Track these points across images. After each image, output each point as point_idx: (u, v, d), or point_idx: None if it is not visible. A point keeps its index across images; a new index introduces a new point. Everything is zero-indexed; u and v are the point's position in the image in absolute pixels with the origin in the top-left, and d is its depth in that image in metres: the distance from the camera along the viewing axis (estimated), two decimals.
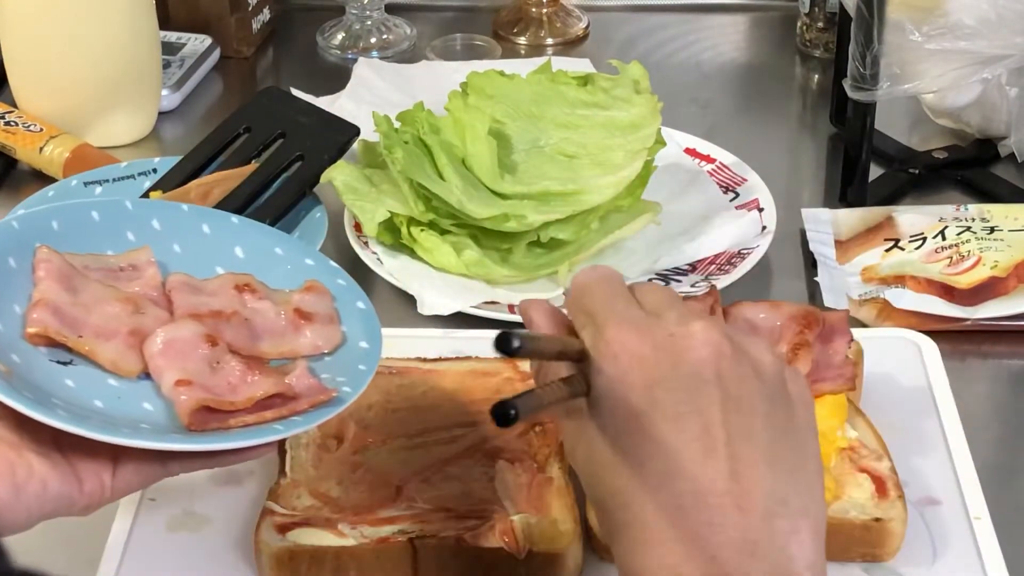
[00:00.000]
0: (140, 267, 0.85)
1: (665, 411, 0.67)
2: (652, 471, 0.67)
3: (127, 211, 0.87)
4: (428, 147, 1.12)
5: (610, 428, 0.69)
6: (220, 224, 0.89)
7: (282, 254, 0.88)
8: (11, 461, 0.71)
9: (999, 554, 0.87)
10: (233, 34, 1.46)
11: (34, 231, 0.83)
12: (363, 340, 0.84)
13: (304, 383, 0.79)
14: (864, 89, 1.17)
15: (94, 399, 0.76)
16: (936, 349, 1.02)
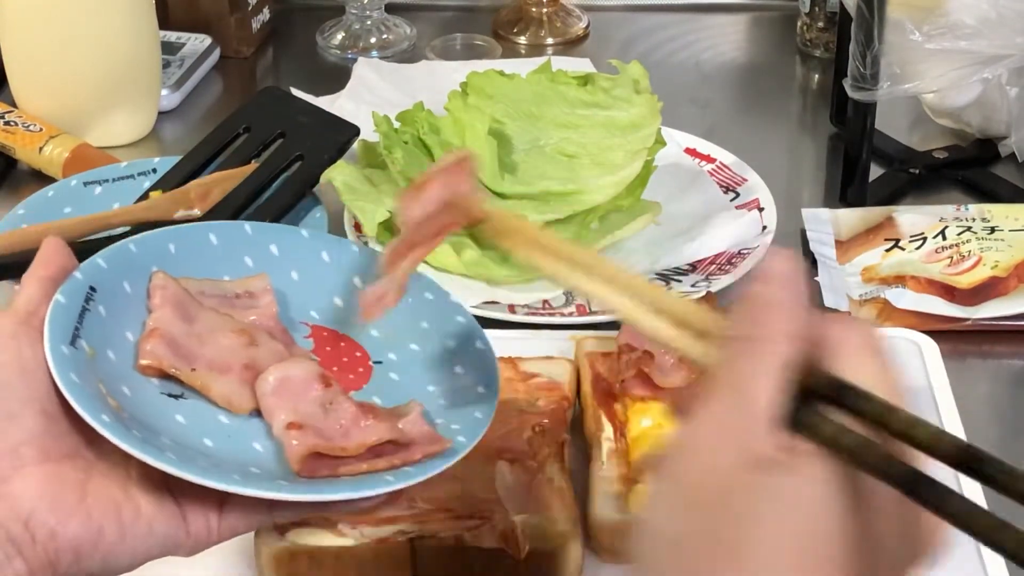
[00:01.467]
0: (257, 295, 0.81)
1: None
2: None
3: (246, 235, 0.84)
4: (428, 147, 1.12)
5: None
6: (339, 251, 0.85)
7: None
8: (117, 501, 0.68)
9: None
10: (233, 34, 1.46)
11: (151, 254, 0.79)
12: (480, 384, 0.79)
13: (418, 430, 0.75)
14: (864, 89, 1.17)
15: (204, 437, 0.73)
16: (936, 349, 1.02)
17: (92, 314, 0.74)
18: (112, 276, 0.77)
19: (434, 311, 0.83)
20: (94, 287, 0.75)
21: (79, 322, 0.73)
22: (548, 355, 0.99)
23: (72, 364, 0.70)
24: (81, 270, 0.75)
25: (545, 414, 0.93)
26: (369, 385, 0.80)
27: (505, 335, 1.05)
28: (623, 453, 0.90)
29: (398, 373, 0.81)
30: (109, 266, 0.77)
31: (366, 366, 0.81)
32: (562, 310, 1.09)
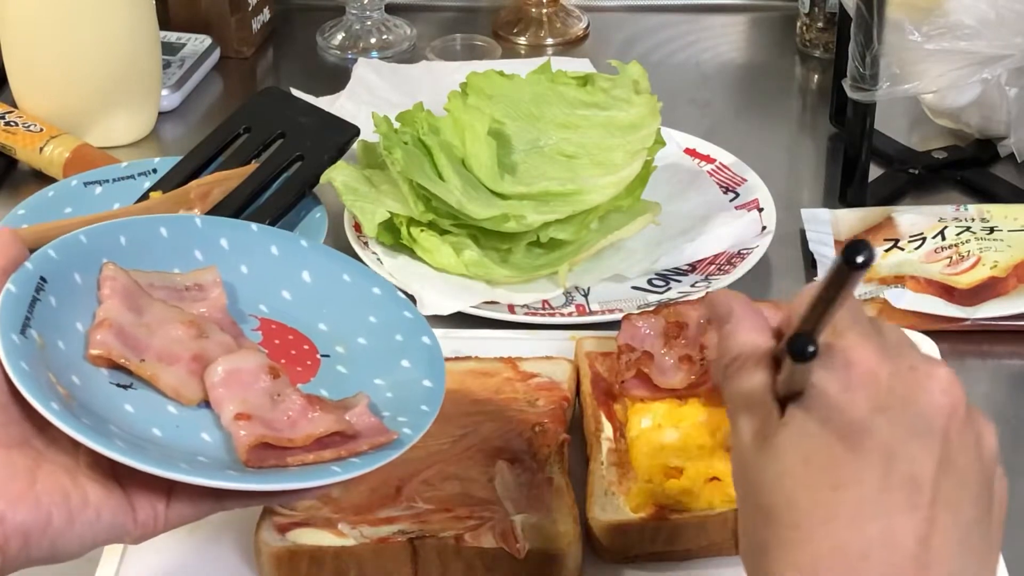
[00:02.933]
0: (206, 287, 0.82)
1: (881, 442, 0.62)
2: (844, 499, 0.62)
3: (196, 228, 0.85)
4: (428, 147, 1.12)
5: (813, 436, 0.64)
6: (289, 246, 0.86)
7: (349, 281, 0.86)
8: (66, 488, 0.69)
9: (999, 554, 0.87)
10: (233, 34, 1.46)
11: (101, 246, 0.80)
12: (426, 378, 0.80)
13: (365, 422, 0.76)
14: (864, 89, 1.17)
15: (152, 427, 0.74)
16: (936, 349, 1.02)
17: (42, 304, 0.75)
18: (63, 267, 0.77)
19: (381, 306, 0.84)
20: (44, 277, 0.76)
21: (29, 312, 0.74)
22: (548, 355, 1.00)
23: (22, 353, 0.71)
24: (32, 260, 0.76)
25: (545, 414, 0.93)
26: (317, 378, 0.81)
27: (505, 335, 1.05)
28: (623, 453, 0.90)
29: (345, 366, 0.82)
30: (60, 257, 0.78)
31: (314, 359, 0.82)
32: (562, 310, 1.09)
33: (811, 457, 0.63)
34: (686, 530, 0.86)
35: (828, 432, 0.63)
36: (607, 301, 1.10)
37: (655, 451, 0.88)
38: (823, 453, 0.63)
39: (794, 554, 0.62)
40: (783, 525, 0.63)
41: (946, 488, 0.62)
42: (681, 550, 0.87)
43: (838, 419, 0.63)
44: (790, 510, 0.63)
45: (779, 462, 0.64)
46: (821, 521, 0.62)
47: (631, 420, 0.91)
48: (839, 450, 0.63)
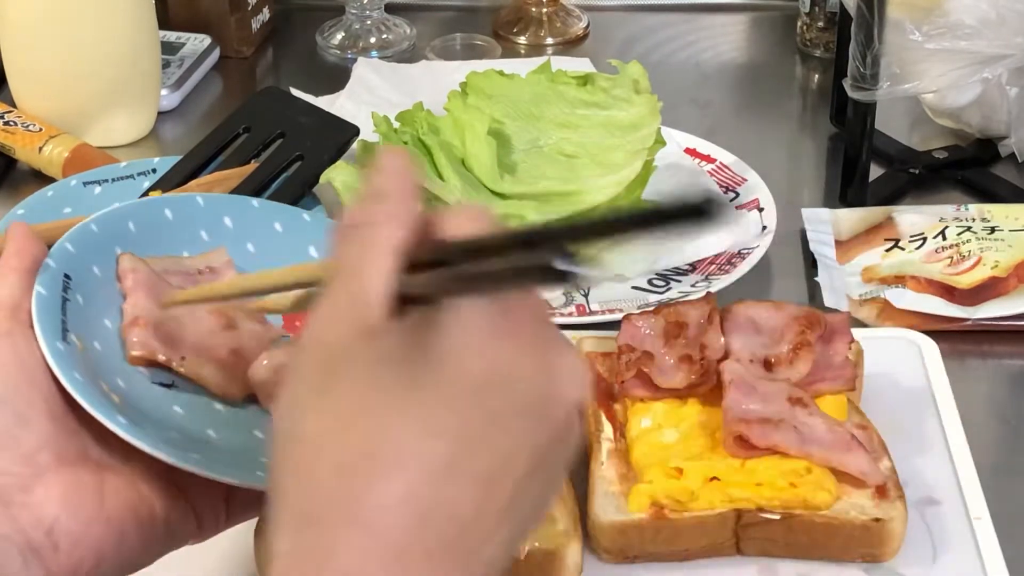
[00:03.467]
0: (218, 270, 0.81)
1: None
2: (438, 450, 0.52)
3: (199, 207, 0.83)
4: (427, 147, 1.12)
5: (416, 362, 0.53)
6: (292, 222, 0.85)
7: None
8: (133, 503, 0.66)
9: (999, 554, 0.87)
10: (233, 34, 1.45)
11: (112, 234, 0.78)
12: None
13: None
14: (864, 89, 1.16)
15: (207, 428, 0.72)
16: (936, 349, 1.02)
17: (72, 304, 0.72)
18: (81, 261, 0.75)
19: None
20: (68, 275, 0.73)
21: (63, 314, 0.71)
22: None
23: (71, 361, 0.68)
24: (53, 257, 0.73)
25: None
26: None
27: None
28: (623, 453, 0.90)
29: None
30: (77, 250, 0.75)
31: None
32: (562, 310, 1.09)
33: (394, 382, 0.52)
34: (686, 530, 0.86)
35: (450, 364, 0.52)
36: (607, 301, 1.10)
37: (655, 451, 0.88)
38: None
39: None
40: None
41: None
42: (681, 550, 0.87)
43: (472, 359, 0.52)
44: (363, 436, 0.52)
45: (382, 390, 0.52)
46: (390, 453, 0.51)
47: (631, 420, 0.91)
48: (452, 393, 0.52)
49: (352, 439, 0.51)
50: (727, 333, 0.94)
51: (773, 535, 0.86)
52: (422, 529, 0.50)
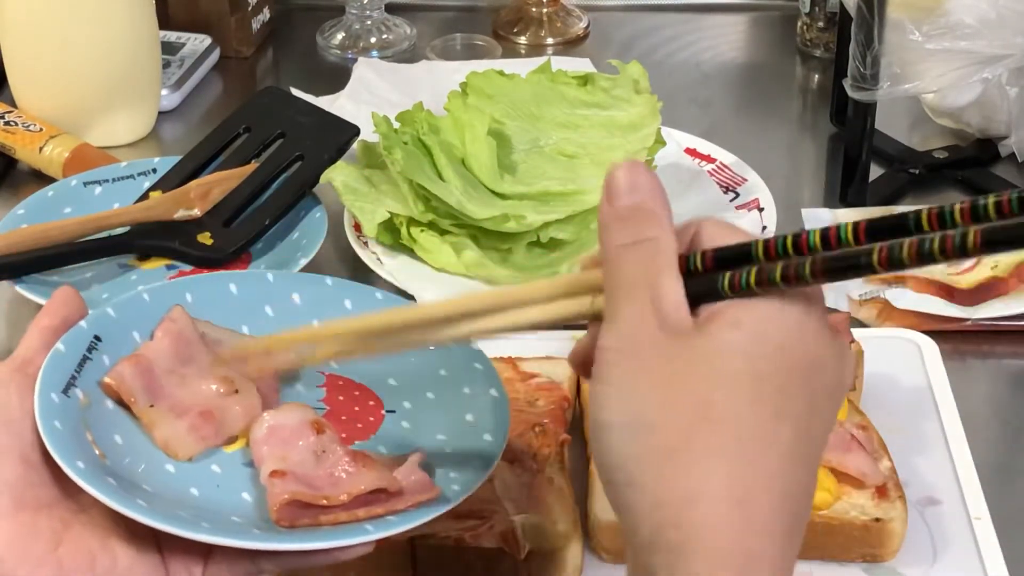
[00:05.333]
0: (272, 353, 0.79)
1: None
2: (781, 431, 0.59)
3: (267, 283, 0.83)
4: (427, 147, 1.12)
5: (750, 356, 0.60)
6: (363, 299, 0.84)
7: None
8: (92, 551, 0.68)
9: (999, 554, 0.87)
10: (233, 34, 1.46)
11: (166, 305, 0.79)
12: (488, 432, 0.78)
13: (412, 479, 0.74)
14: (864, 89, 1.16)
15: (191, 487, 0.73)
16: (936, 349, 1.02)
17: (94, 363, 0.74)
18: (121, 326, 0.76)
19: (453, 358, 0.82)
20: (99, 336, 0.75)
21: (77, 371, 0.73)
22: (548, 355, 0.99)
23: (58, 412, 0.70)
24: (88, 320, 0.75)
25: (545, 414, 0.93)
26: (378, 434, 0.79)
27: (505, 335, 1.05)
28: None
29: (410, 421, 0.80)
30: (119, 315, 0.77)
31: (378, 415, 0.81)
32: None
33: (745, 375, 0.59)
34: None
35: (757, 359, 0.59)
36: None
37: None
38: (762, 376, 0.59)
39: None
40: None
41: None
42: None
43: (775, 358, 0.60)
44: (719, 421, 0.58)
45: (708, 364, 0.59)
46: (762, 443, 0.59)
47: None
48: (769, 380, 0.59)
49: (716, 428, 0.58)
50: None
51: None
52: (783, 509, 0.58)
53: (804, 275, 0.59)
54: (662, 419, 0.58)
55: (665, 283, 0.61)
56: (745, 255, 0.62)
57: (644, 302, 0.60)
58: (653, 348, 0.60)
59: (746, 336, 0.59)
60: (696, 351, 0.59)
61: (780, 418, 0.58)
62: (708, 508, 0.57)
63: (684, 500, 0.57)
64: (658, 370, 0.59)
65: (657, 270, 0.61)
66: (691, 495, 0.57)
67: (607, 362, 0.60)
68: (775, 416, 0.58)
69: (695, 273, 0.62)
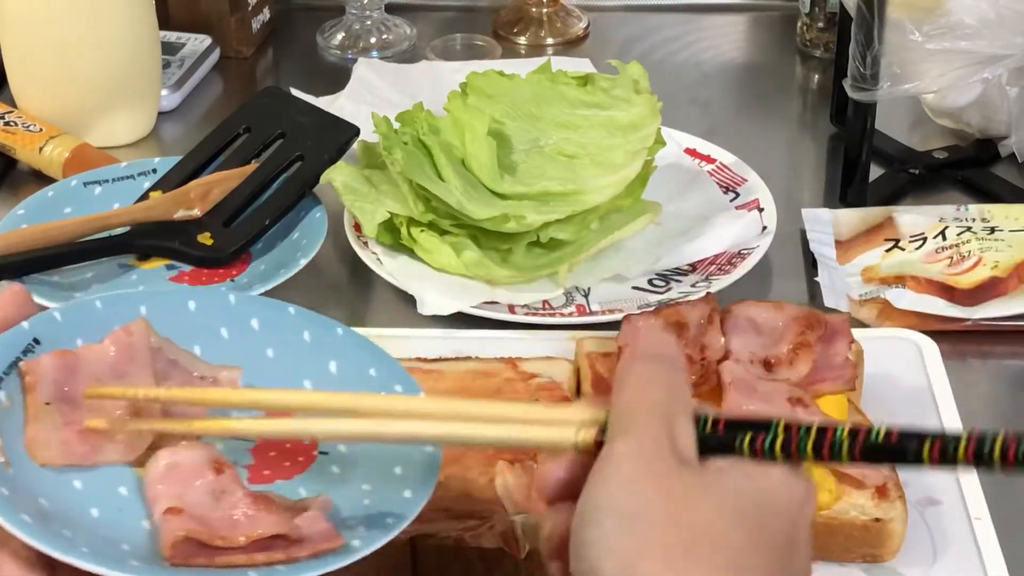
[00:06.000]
0: (219, 383, 0.78)
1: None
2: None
3: (228, 305, 0.81)
4: (427, 148, 1.12)
5: (747, 495, 0.65)
6: (322, 333, 0.82)
7: (374, 376, 0.81)
8: None
9: (999, 554, 0.87)
10: (233, 34, 1.46)
11: (118, 313, 0.77)
12: (411, 488, 0.75)
13: (314, 527, 0.72)
14: (864, 89, 1.16)
15: (92, 507, 0.71)
16: (936, 349, 1.02)
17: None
18: (66, 331, 0.74)
19: None
20: (39, 339, 0.73)
21: (6, 372, 0.72)
22: (548, 355, 0.99)
23: None
24: (31, 321, 0.73)
25: None
26: (304, 475, 0.77)
27: (505, 335, 1.05)
28: None
29: (340, 466, 0.78)
30: (64, 320, 0.75)
31: (309, 455, 0.78)
32: (562, 310, 1.09)
33: (749, 517, 0.63)
34: None
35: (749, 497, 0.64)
36: (607, 301, 1.10)
37: None
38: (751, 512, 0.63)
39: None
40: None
41: None
42: None
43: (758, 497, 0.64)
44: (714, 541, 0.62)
45: (714, 495, 0.63)
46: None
47: None
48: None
49: (717, 548, 0.61)
50: (727, 333, 0.94)
51: None
52: None
53: (840, 454, 0.63)
54: (667, 523, 0.60)
55: (681, 421, 0.64)
56: (761, 427, 0.64)
57: (660, 428, 0.63)
58: (663, 464, 0.62)
59: (754, 488, 0.63)
60: (704, 483, 0.62)
61: (770, 571, 0.62)
62: None
63: None
64: (667, 482, 0.61)
65: (675, 408, 0.64)
66: None
67: (615, 464, 0.62)
68: (766, 567, 0.62)
69: (703, 434, 0.65)
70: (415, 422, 0.71)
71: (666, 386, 0.65)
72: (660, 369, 0.66)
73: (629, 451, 0.63)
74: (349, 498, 0.75)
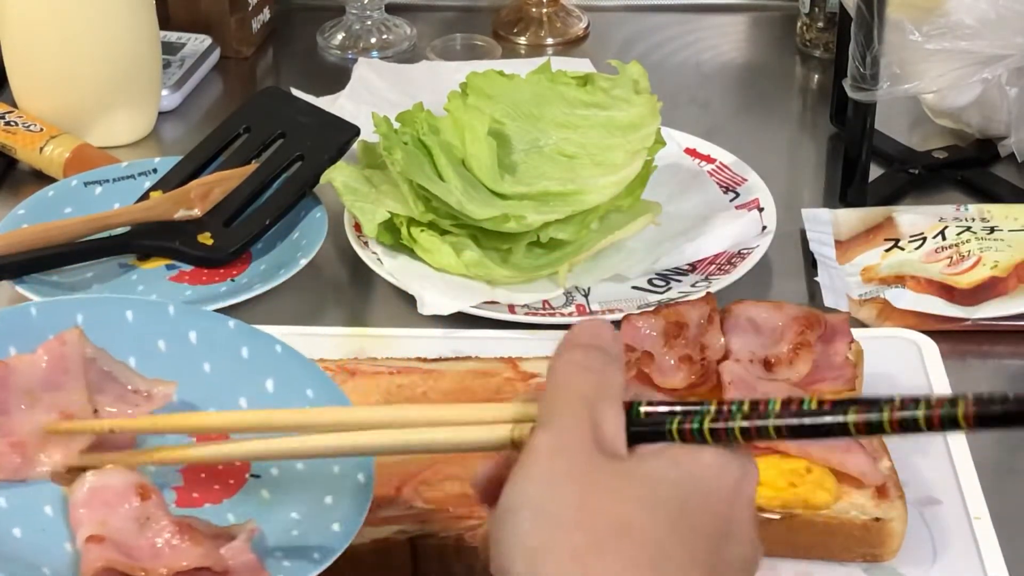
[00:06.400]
0: (152, 398, 0.76)
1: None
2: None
3: (167, 317, 0.79)
4: (428, 148, 1.12)
5: (672, 483, 0.63)
6: (261, 349, 0.80)
7: (312, 397, 0.80)
8: None
9: (999, 554, 0.87)
10: (233, 34, 1.46)
11: (53, 322, 0.75)
12: (339, 521, 0.73)
13: (240, 558, 0.70)
14: (864, 89, 1.17)
15: (15, 526, 0.69)
16: (936, 349, 1.02)
17: None
18: None
19: None
20: None
21: None
22: (548, 355, 0.99)
23: None
24: None
25: None
26: (233, 499, 0.76)
27: (505, 335, 1.05)
28: None
29: (271, 491, 0.76)
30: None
31: (240, 478, 0.77)
32: (562, 310, 1.09)
33: (672, 504, 0.61)
34: None
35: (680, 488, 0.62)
36: (607, 301, 1.10)
37: None
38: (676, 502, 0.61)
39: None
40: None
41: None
42: None
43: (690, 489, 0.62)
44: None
45: (636, 485, 0.60)
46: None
47: None
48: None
49: (634, 545, 0.58)
50: (727, 333, 0.94)
51: (773, 535, 0.86)
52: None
53: (768, 434, 0.62)
54: (578, 520, 0.58)
55: (608, 411, 0.62)
56: (692, 414, 0.63)
57: (583, 419, 0.61)
58: (584, 457, 0.60)
59: (681, 474, 0.61)
60: (626, 473, 0.60)
61: (694, 560, 0.59)
62: None
63: None
64: (586, 476, 0.59)
65: (603, 397, 0.62)
66: None
67: (534, 459, 0.60)
68: (690, 556, 0.59)
69: (636, 420, 0.63)
70: (346, 435, 0.69)
71: (595, 375, 0.63)
72: (589, 358, 0.64)
73: (549, 444, 0.61)
74: (277, 526, 0.74)
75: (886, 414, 0.59)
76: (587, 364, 0.64)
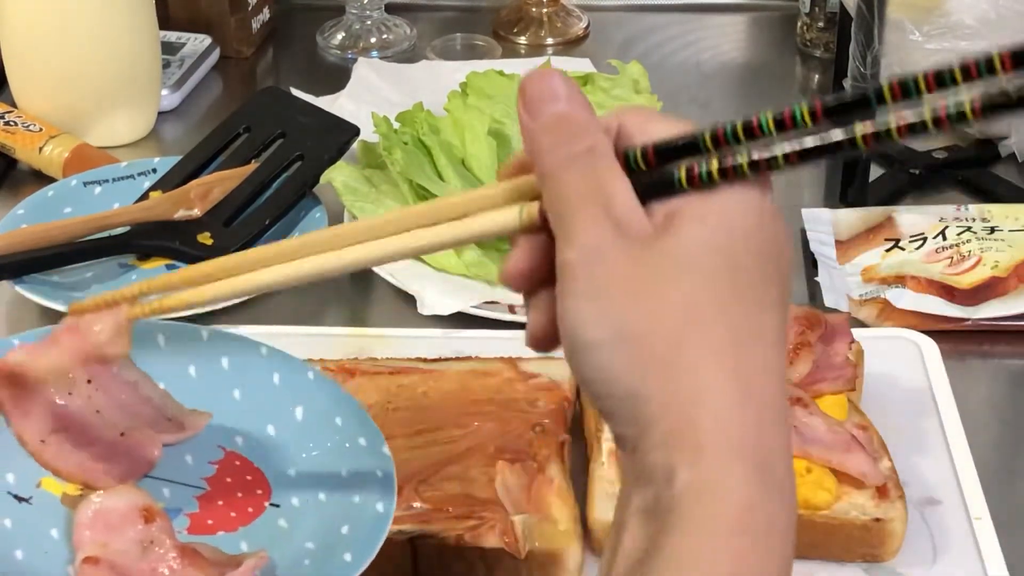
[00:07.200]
0: (184, 428, 0.76)
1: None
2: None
3: (199, 341, 0.79)
4: (428, 148, 1.12)
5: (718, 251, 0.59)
6: (292, 377, 0.80)
7: (340, 425, 0.79)
8: None
9: (999, 554, 0.87)
10: (233, 34, 1.46)
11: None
12: (352, 551, 0.73)
13: None
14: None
15: (18, 548, 0.69)
16: (936, 349, 1.02)
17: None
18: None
19: (359, 458, 0.78)
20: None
21: None
22: (548, 355, 0.99)
23: None
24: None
25: (545, 414, 0.93)
26: (249, 527, 0.75)
27: (505, 335, 1.05)
28: None
29: (289, 521, 0.76)
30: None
31: (259, 507, 0.76)
32: None
33: (723, 271, 0.58)
34: None
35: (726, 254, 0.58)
36: None
37: None
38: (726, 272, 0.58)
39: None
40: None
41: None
42: None
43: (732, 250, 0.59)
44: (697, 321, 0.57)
45: (682, 263, 0.57)
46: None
47: None
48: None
49: (707, 329, 0.56)
50: None
51: None
52: (780, 396, 0.56)
53: (777, 163, 0.61)
54: (649, 328, 0.56)
55: (614, 189, 0.58)
56: (691, 147, 0.61)
57: (596, 212, 0.57)
58: (618, 254, 0.57)
59: (714, 230, 0.58)
60: (665, 254, 0.57)
61: (764, 308, 0.57)
62: (718, 407, 0.55)
63: (692, 403, 0.55)
64: (630, 277, 0.56)
65: (602, 178, 0.58)
66: (698, 397, 0.55)
67: (572, 276, 0.57)
68: (759, 307, 0.57)
69: (638, 171, 0.59)
70: (359, 247, 0.65)
71: (582, 162, 0.58)
72: (559, 137, 0.59)
73: (576, 259, 0.57)
74: (289, 556, 0.73)
75: (892, 122, 0.59)
76: (567, 151, 0.58)
